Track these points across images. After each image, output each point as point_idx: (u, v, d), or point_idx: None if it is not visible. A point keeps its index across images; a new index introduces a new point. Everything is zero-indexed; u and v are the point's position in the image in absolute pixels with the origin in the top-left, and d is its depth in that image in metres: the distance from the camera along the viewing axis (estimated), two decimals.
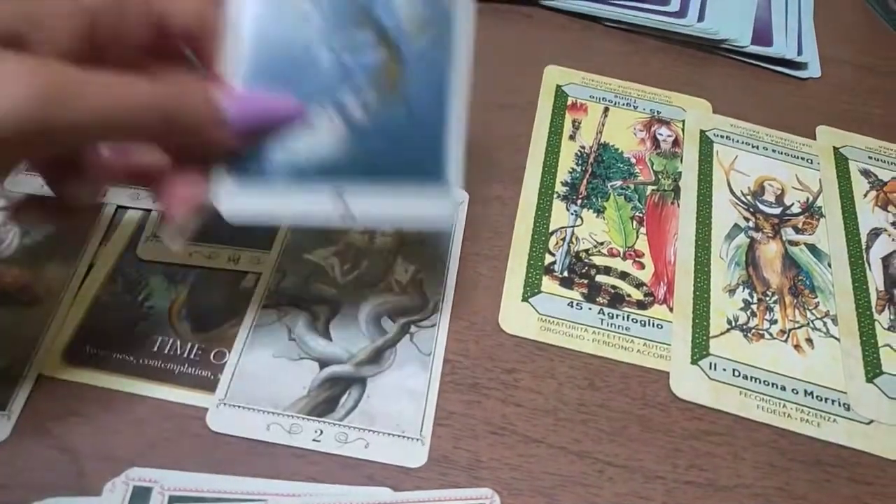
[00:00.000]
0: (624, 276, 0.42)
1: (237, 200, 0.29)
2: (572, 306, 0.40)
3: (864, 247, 0.44)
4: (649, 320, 0.40)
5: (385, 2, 0.31)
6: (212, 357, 0.36)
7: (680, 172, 0.47)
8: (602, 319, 0.40)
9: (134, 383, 0.35)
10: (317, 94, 0.30)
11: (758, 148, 0.49)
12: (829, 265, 0.43)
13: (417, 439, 0.34)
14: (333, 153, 0.30)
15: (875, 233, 0.45)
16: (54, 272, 0.38)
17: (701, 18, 0.56)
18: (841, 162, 0.49)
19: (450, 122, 0.31)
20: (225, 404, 0.35)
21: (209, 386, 0.35)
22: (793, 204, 0.46)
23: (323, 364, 0.36)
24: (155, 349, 0.36)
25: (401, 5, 0.31)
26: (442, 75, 0.31)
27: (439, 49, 0.31)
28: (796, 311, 0.41)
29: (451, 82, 0.31)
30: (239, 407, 0.35)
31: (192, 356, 0.36)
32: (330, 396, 0.35)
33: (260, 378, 0.36)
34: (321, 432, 0.34)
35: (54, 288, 0.37)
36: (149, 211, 0.41)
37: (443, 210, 0.31)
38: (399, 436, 0.34)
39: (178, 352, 0.36)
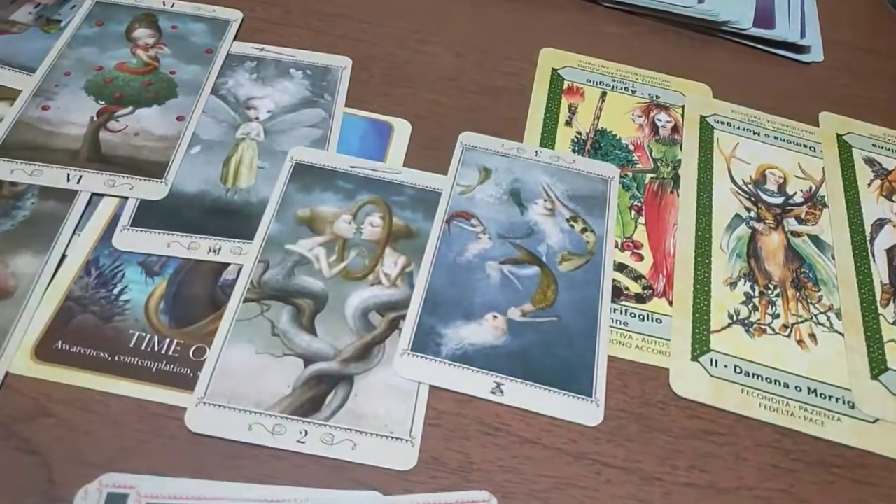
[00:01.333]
0: (622, 268, 0.40)
1: (412, 364, 0.35)
2: None
3: (868, 238, 0.43)
4: (648, 314, 0.39)
5: (540, 234, 0.40)
6: (191, 353, 0.35)
7: (679, 160, 0.45)
8: None
9: (108, 381, 0.33)
10: (486, 297, 0.37)
11: (759, 135, 0.48)
12: (833, 257, 0.42)
13: (407, 440, 0.33)
14: (494, 346, 0.36)
15: (880, 223, 0.44)
16: (24, 264, 0.36)
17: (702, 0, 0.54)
18: (844, 149, 0.47)
19: (600, 346, 0.36)
20: (204, 403, 0.33)
21: (188, 384, 0.34)
22: (795, 193, 0.45)
23: (308, 361, 0.35)
24: (131, 345, 0.34)
25: (551, 235, 0.40)
26: (592, 301, 0.38)
27: (587, 275, 0.39)
28: (799, 305, 0.40)
29: (601, 308, 0.38)
30: (219, 406, 0.33)
31: (170, 352, 0.35)
32: (315, 395, 0.34)
33: (241, 376, 0.34)
34: (306, 433, 0.33)
35: (24, 281, 0.36)
36: (125, 198, 0.39)
37: (588, 417, 0.35)
38: (388, 437, 0.33)
39: (156, 348, 0.35)
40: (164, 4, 0.49)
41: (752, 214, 0.43)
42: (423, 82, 0.47)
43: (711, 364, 0.37)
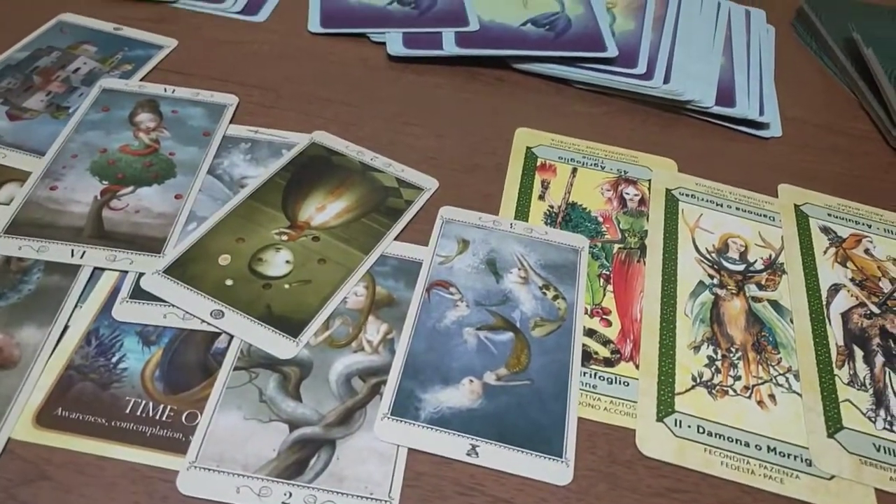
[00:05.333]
0: (591, 333, 0.43)
1: (392, 428, 0.37)
2: None
3: (824, 302, 0.46)
4: (616, 378, 0.41)
5: (514, 301, 0.43)
6: (183, 419, 0.37)
7: (646, 231, 0.48)
8: None
9: (105, 446, 0.35)
10: (462, 361, 0.40)
11: (722, 206, 0.51)
12: (791, 321, 0.45)
13: (386, 501, 0.35)
14: (470, 410, 0.38)
15: (835, 288, 0.47)
16: (29, 335, 0.38)
17: (667, 80, 0.58)
18: (802, 219, 0.51)
19: (570, 408, 0.39)
20: (195, 467, 0.35)
21: (180, 448, 0.36)
22: (756, 261, 0.48)
23: (293, 426, 0.37)
24: (127, 411, 0.37)
25: (525, 302, 0.43)
26: (563, 365, 0.40)
27: (558, 341, 0.41)
28: (759, 367, 0.42)
29: (571, 372, 0.40)
30: (209, 470, 0.35)
31: (164, 418, 0.37)
32: (299, 458, 0.36)
33: (231, 440, 0.36)
34: (290, 495, 0.34)
35: (28, 351, 0.38)
36: (125, 272, 0.42)
37: (559, 477, 0.37)
38: (368, 498, 0.35)
39: (151, 413, 0.37)
40: (165, 91, 0.53)
41: (715, 281, 0.46)
42: (407, 161, 0.51)
43: (676, 424, 0.39)
